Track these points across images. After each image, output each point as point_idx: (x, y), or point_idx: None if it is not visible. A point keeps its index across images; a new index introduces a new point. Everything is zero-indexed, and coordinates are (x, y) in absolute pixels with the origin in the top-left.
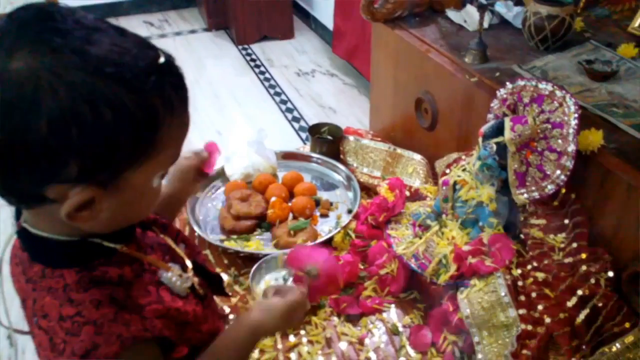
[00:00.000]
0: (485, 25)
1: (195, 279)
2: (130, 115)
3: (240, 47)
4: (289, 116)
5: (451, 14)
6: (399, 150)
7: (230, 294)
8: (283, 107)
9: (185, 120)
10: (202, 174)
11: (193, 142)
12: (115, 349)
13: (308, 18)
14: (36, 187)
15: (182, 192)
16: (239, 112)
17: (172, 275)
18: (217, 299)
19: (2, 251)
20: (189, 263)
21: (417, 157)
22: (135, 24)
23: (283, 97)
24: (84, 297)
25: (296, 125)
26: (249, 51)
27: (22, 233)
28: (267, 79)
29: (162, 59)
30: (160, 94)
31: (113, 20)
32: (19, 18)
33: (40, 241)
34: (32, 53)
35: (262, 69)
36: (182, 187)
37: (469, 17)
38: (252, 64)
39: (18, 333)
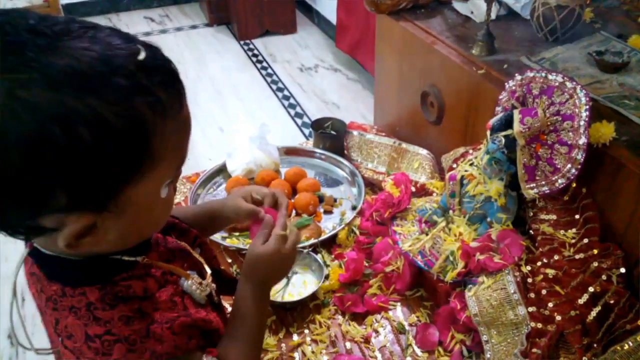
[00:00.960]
0: (493, 16)
1: (213, 286)
2: (111, 130)
3: (242, 42)
4: (292, 112)
5: (457, 5)
6: (404, 145)
7: None
8: (286, 102)
9: (183, 121)
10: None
11: (195, 139)
12: None
13: (311, 12)
14: (28, 221)
15: (228, 220)
16: (241, 108)
17: (192, 284)
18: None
19: (15, 274)
20: (208, 269)
21: (423, 151)
22: (136, 20)
23: (286, 92)
24: (111, 314)
25: (299, 121)
26: (251, 46)
27: (34, 253)
28: (269, 75)
29: (142, 55)
30: (146, 98)
31: (114, 17)
32: None
33: (55, 260)
34: None
35: (265, 64)
36: (231, 217)
37: (475, 8)
38: (254, 59)
39: (43, 353)
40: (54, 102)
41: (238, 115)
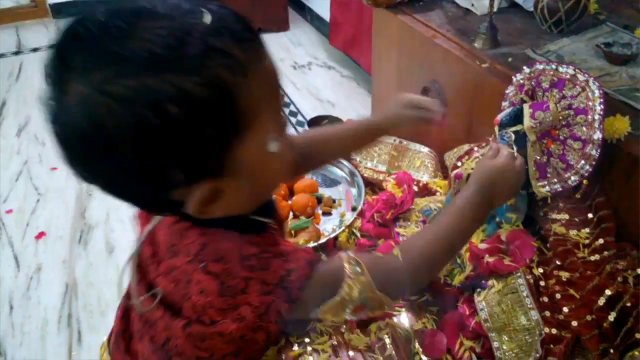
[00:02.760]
0: (495, 8)
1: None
2: (196, 100)
3: None
4: (286, 110)
5: None
6: (405, 143)
7: None
8: None
9: (267, 71)
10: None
11: None
12: (308, 271)
13: (303, 9)
14: (160, 197)
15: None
16: None
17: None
18: None
19: (147, 230)
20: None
21: (425, 149)
22: None
23: None
24: (262, 240)
25: (293, 119)
26: None
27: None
28: None
29: (207, 18)
30: (221, 60)
31: None
32: (56, 49)
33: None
34: (79, 80)
35: None
36: (387, 119)
37: (476, 0)
38: None
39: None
40: (139, 89)
41: None
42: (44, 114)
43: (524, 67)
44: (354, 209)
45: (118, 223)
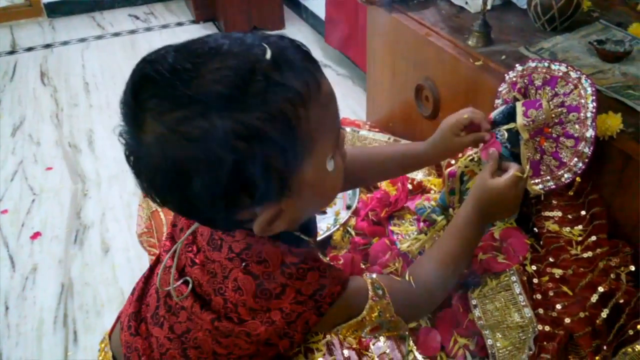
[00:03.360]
0: (488, 5)
1: None
2: (261, 135)
3: None
4: None
5: None
6: (399, 141)
7: None
8: None
9: (325, 97)
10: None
11: None
12: (338, 289)
13: (299, 7)
14: (228, 219)
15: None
16: None
17: None
18: None
19: (186, 234)
20: None
21: None
22: (121, 18)
23: None
24: (304, 252)
25: None
26: None
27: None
28: None
29: (268, 54)
30: (282, 94)
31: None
32: (130, 89)
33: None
34: (154, 120)
35: None
36: (436, 146)
37: None
38: None
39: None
40: (209, 128)
41: None
42: (123, 146)
43: (517, 65)
44: (348, 207)
45: (113, 223)
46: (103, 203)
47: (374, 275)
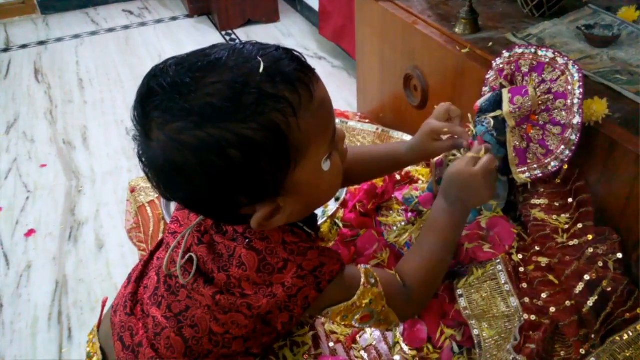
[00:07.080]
0: None
1: None
2: (254, 143)
3: (223, 32)
4: None
5: None
6: (387, 131)
7: None
8: None
9: (318, 104)
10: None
11: None
12: (337, 267)
13: (293, 0)
14: (230, 215)
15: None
16: None
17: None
18: None
19: (190, 228)
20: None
21: (408, 138)
22: (115, 14)
23: None
24: (302, 233)
25: None
26: (233, 37)
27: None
28: None
29: (262, 68)
30: (274, 105)
31: (92, 11)
32: (139, 101)
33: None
34: (158, 129)
35: None
36: (417, 144)
37: None
38: None
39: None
40: (205, 138)
41: None
42: (135, 147)
43: (504, 52)
44: (336, 199)
45: (108, 219)
46: (97, 199)
47: (368, 266)
